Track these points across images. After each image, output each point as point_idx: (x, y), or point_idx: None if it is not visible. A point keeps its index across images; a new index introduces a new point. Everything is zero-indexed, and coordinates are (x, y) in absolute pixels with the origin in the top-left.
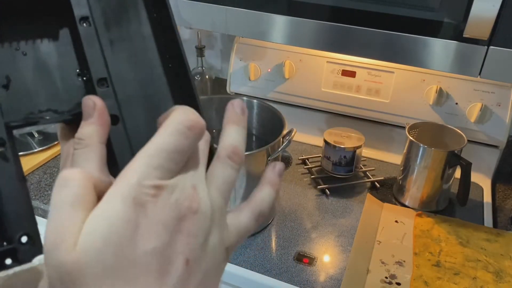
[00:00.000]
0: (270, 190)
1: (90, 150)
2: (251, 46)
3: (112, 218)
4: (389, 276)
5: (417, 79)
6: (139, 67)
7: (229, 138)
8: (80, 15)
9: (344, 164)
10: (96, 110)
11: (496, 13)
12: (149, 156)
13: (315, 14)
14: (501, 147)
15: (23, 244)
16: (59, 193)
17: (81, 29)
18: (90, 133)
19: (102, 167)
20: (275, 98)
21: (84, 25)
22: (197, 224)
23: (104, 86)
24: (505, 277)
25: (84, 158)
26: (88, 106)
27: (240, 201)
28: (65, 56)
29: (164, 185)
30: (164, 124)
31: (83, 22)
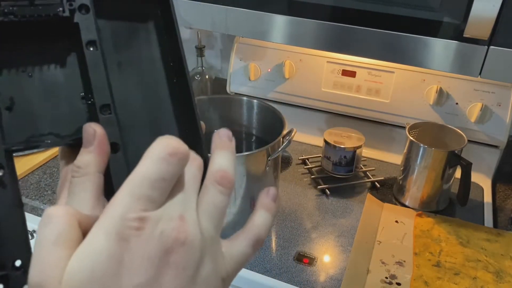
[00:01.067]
0: (266, 214)
1: (87, 180)
2: (251, 46)
3: (96, 254)
4: (389, 276)
5: (417, 79)
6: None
7: (217, 163)
8: (87, 39)
9: (344, 164)
10: (96, 139)
11: (496, 13)
12: (132, 186)
13: (315, 14)
14: (501, 147)
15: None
16: (43, 231)
17: (87, 53)
18: (88, 162)
19: (98, 196)
20: (275, 98)
21: (91, 49)
22: (185, 256)
23: (107, 113)
24: (505, 277)
25: (80, 187)
26: (88, 133)
27: (240, 201)
28: (71, 79)
29: (148, 216)
30: (145, 153)
31: (90, 46)
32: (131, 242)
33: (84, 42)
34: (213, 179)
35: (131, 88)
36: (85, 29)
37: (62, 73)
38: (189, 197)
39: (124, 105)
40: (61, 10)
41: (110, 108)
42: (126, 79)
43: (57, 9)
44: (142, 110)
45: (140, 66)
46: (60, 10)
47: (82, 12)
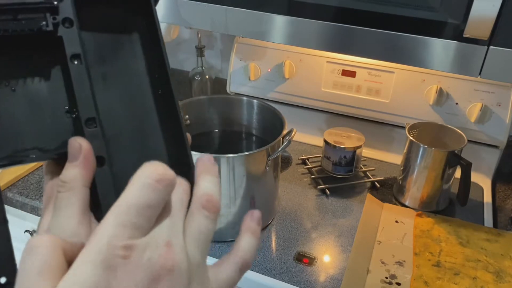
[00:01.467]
0: (251, 238)
1: (72, 195)
2: (251, 46)
3: (82, 284)
4: (389, 276)
5: (417, 79)
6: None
7: (202, 188)
8: (71, 52)
9: (344, 164)
10: (82, 153)
11: (496, 13)
12: (118, 213)
13: (315, 14)
14: (501, 147)
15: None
16: (26, 261)
17: (71, 67)
18: (74, 176)
19: (84, 211)
20: (275, 98)
21: (75, 62)
22: (173, 283)
23: (92, 126)
24: (505, 277)
25: (66, 202)
26: (74, 148)
27: (240, 201)
28: (55, 92)
29: (135, 244)
30: (131, 179)
31: (74, 59)
32: (118, 271)
33: (68, 55)
34: (199, 204)
35: (117, 100)
36: (69, 42)
37: (47, 86)
38: (175, 222)
39: (110, 117)
40: (44, 24)
41: (95, 122)
42: (111, 91)
43: (40, 23)
44: (128, 123)
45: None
46: (43, 24)
47: (66, 26)
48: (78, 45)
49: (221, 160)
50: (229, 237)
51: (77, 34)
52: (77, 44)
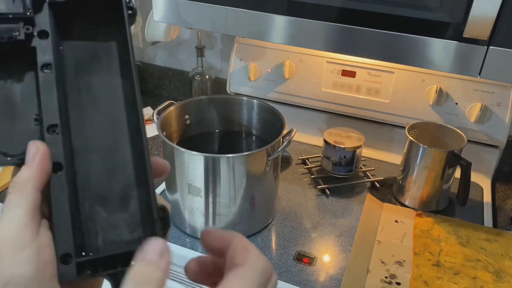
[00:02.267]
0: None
1: (22, 196)
2: (251, 46)
3: None
4: (389, 276)
5: (417, 79)
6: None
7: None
8: (43, 61)
9: (344, 164)
10: (38, 156)
11: (496, 13)
12: None
13: (315, 14)
14: (501, 147)
15: None
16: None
17: (41, 75)
18: (26, 178)
19: (33, 214)
20: (275, 98)
21: (45, 71)
22: None
23: (54, 133)
24: (505, 277)
25: (14, 203)
26: (30, 150)
27: (240, 201)
28: (27, 99)
29: None
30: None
31: (45, 68)
32: None
33: (39, 64)
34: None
35: (90, 113)
36: (41, 52)
37: (18, 93)
38: None
39: (80, 128)
40: (16, 34)
41: (57, 128)
42: (86, 103)
43: (13, 32)
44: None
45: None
46: (15, 34)
47: (41, 37)
48: (50, 55)
49: (221, 160)
50: None
51: (51, 45)
52: (49, 54)
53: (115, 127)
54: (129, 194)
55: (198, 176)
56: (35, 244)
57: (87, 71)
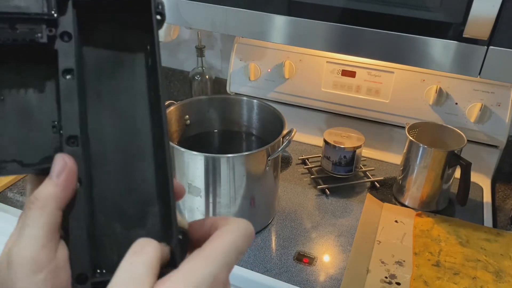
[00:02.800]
0: None
1: (43, 215)
2: (251, 46)
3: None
4: (389, 276)
5: (417, 79)
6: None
7: None
8: (64, 67)
9: (344, 164)
10: (65, 172)
11: (496, 13)
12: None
13: (315, 14)
14: (501, 147)
15: None
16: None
17: (62, 82)
18: (49, 195)
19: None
20: (275, 98)
21: (67, 77)
22: None
23: (74, 145)
24: (505, 277)
25: (34, 221)
26: (57, 164)
27: (240, 201)
28: (45, 106)
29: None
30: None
31: (67, 74)
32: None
33: (60, 69)
34: None
35: (109, 119)
36: (63, 56)
37: (37, 99)
38: None
39: (99, 136)
40: (39, 36)
41: (77, 140)
42: (105, 109)
43: (35, 34)
44: (117, 144)
45: (122, 98)
46: (38, 36)
47: (64, 40)
48: (72, 59)
49: (221, 160)
50: None
51: (73, 49)
52: (71, 58)
53: (136, 138)
54: (148, 210)
55: (198, 176)
56: (52, 266)
57: (109, 76)
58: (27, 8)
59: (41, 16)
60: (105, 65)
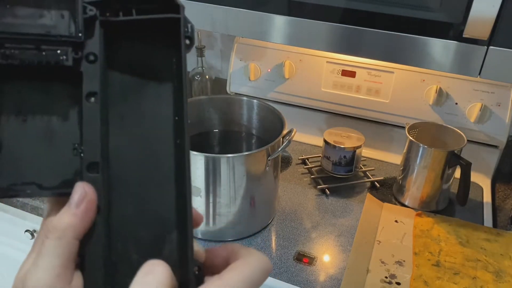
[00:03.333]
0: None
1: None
2: (251, 46)
3: None
4: (389, 276)
5: (417, 79)
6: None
7: None
8: (88, 90)
9: (344, 164)
10: (85, 203)
11: (496, 13)
12: None
13: (315, 14)
14: (501, 147)
15: None
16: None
17: (85, 105)
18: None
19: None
20: (275, 98)
21: (90, 100)
22: None
23: (94, 172)
24: (505, 277)
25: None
26: (78, 194)
27: (240, 201)
28: (67, 128)
29: None
30: None
31: (90, 97)
32: None
33: (84, 92)
34: None
35: (131, 143)
36: (88, 78)
37: (59, 120)
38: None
39: (119, 161)
40: (64, 58)
41: (97, 167)
42: (127, 132)
43: (60, 57)
44: (137, 168)
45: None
46: (63, 59)
47: (90, 60)
48: (97, 82)
49: (221, 160)
50: (229, 236)
51: (98, 71)
52: (96, 81)
53: (157, 164)
54: (165, 238)
55: (198, 176)
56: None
57: (133, 99)
58: (53, 28)
59: (67, 39)
60: (129, 87)
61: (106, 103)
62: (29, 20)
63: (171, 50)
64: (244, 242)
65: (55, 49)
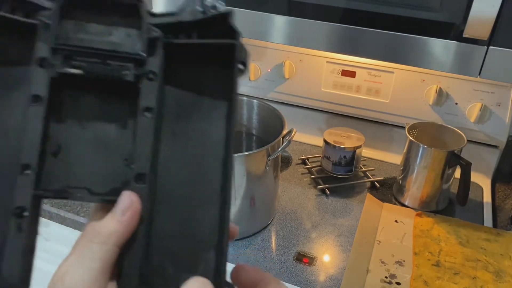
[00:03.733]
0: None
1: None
2: (251, 46)
3: None
4: (389, 276)
5: (417, 79)
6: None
7: None
8: (145, 105)
9: (344, 164)
10: (130, 211)
11: (496, 13)
12: None
13: (315, 14)
14: (501, 147)
15: None
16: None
17: (140, 119)
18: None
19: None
20: (275, 98)
21: (146, 115)
22: None
23: (141, 183)
24: (505, 277)
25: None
26: (124, 202)
27: (240, 201)
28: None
29: None
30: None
31: (146, 112)
32: None
33: (141, 107)
34: None
35: (180, 159)
36: (145, 94)
37: (115, 131)
38: None
39: (166, 176)
40: (126, 73)
41: (145, 178)
42: (177, 150)
43: (123, 72)
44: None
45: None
46: (125, 74)
47: (149, 77)
48: (154, 99)
49: None
50: None
51: (156, 88)
52: (153, 97)
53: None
54: (201, 256)
55: None
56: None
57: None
58: (119, 46)
59: (131, 56)
60: (183, 106)
61: (160, 119)
62: (99, 36)
63: (225, 73)
64: (244, 242)
65: (119, 65)
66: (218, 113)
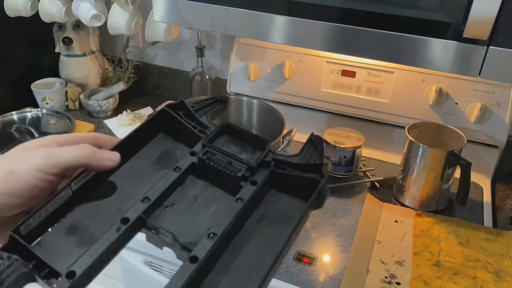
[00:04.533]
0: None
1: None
2: (251, 46)
3: None
4: (389, 276)
5: (417, 79)
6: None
7: None
8: (239, 196)
9: (344, 164)
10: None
11: (496, 13)
12: None
13: (315, 14)
14: (501, 147)
15: None
16: None
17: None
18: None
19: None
20: (275, 98)
21: (238, 202)
22: None
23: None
24: (505, 277)
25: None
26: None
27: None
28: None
29: None
30: None
31: (239, 200)
32: None
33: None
34: None
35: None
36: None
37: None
38: None
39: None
40: (238, 172)
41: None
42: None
43: (236, 169)
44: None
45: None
46: (237, 171)
47: (252, 182)
48: (247, 195)
49: None
50: None
51: (251, 191)
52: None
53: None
54: None
55: None
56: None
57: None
58: (243, 155)
59: (247, 163)
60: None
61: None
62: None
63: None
64: None
65: (237, 165)
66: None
